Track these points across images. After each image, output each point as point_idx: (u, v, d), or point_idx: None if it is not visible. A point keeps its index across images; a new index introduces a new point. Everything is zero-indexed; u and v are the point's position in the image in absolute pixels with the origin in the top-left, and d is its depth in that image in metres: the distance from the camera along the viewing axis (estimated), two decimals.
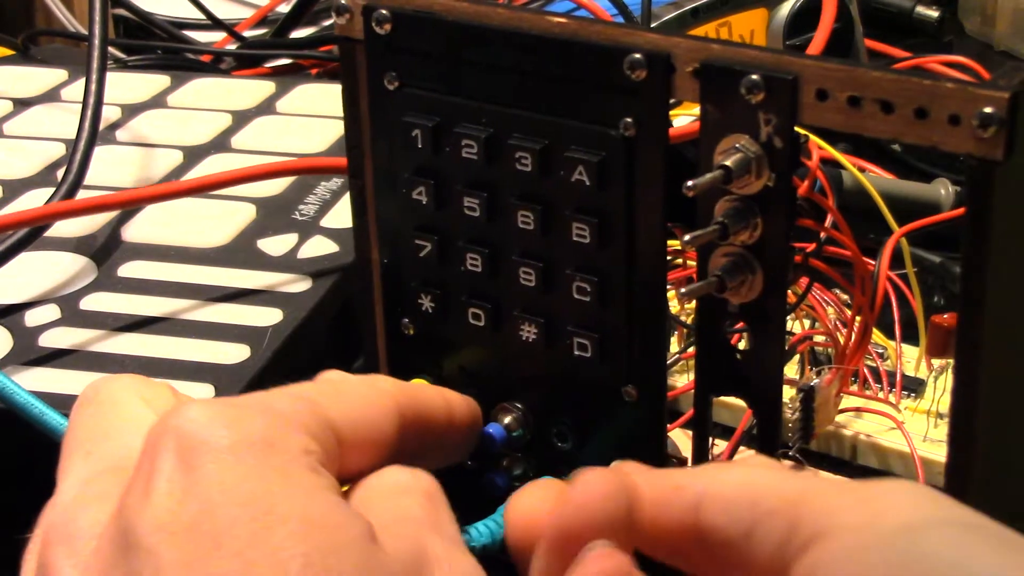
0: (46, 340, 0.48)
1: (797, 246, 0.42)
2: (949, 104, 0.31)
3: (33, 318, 0.49)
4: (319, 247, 0.53)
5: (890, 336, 0.53)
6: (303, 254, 0.53)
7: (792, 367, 0.51)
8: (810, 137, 0.50)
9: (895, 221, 0.53)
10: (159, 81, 0.70)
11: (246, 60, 0.80)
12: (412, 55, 0.39)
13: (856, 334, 0.48)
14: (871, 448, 0.49)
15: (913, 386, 0.52)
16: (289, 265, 0.52)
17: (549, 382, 0.40)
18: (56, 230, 0.54)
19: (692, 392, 0.38)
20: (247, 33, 0.86)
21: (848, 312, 0.50)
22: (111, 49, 0.81)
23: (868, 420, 0.50)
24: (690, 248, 0.36)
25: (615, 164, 0.36)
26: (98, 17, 0.59)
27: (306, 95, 0.68)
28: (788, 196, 0.34)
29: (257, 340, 0.48)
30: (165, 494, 0.30)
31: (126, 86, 0.69)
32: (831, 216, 0.46)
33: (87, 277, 0.52)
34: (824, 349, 0.51)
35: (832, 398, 0.49)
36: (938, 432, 0.50)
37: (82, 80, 0.58)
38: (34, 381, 0.45)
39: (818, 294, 0.51)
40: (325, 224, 0.55)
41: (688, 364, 0.51)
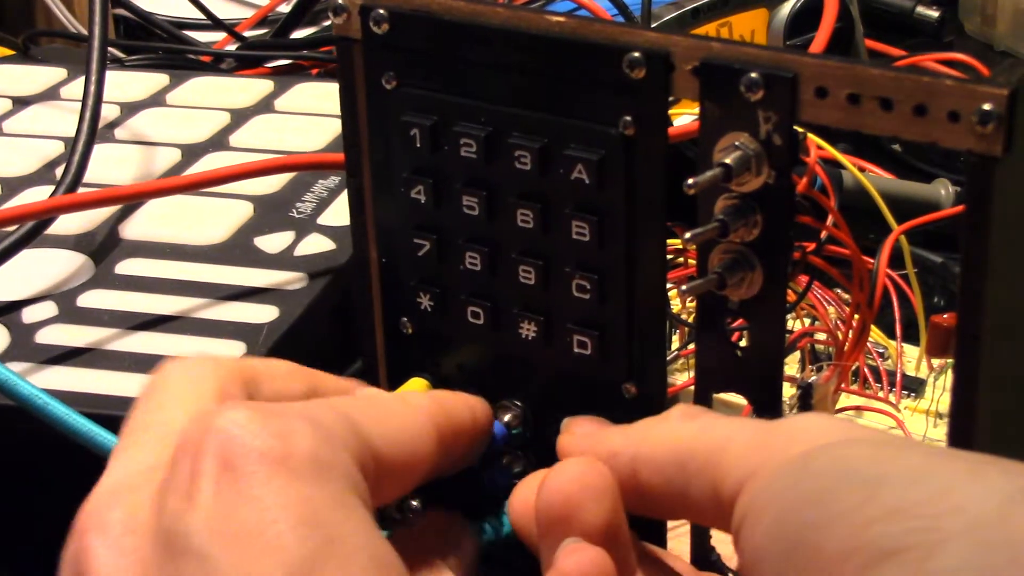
0: (43, 337, 0.48)
1: (797, 244, 0.42)
2: (948, 101, 0.31)
3: (30, 315, 0.49)
4: (316, 245, 0.53)
5: (891, 336, 0.53)
6: (300, 252, 0.53)
7: (793, 366, 0.51)
8: (807, 135, 0.50)
9: (895, 221, 0.53)
10: (158, 80, 0.70)
11: (246, 61, 0.80)
12: (410, 54, 0.39)
13: (854, 331, 0.48)
14: None
15: (913, 386, 0.52)
16: (285, 263, 0.52)
17: (549, 380, 0.40)
18: (55, 228, 0.54)
19: (692, 389, 0.38)
20: (247, 33, 0.86)
21: (848, 311, 0.50)
22: (112, 50, 0.81)
23: (868, 419, 0.50)
24: (691, 246, 0.36)
25: (614, 162, 0.36)
26: (98, 16, 0.59)
27: (305, 94, 0.68)
28: (787, 193, 0.34)
29: (253, 337, 0.47)
30: (212, 496, 0.29)
31: (125, 84, 0.69)
32: (831, 215, 0.46)
33: (85, 274, 0.52)
34: (824, 347, 0.51)
35: (830, 395, 0.49)
36: (938, 432, 0.50)
37: (81, 79, 0.58)
38: (30, 378, 0.45)
39: (819, 293, 0.51)
40: (322, 222, 0.55)
41: (688, 362, 0.51)
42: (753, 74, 0.33)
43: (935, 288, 0.57)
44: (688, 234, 0.35)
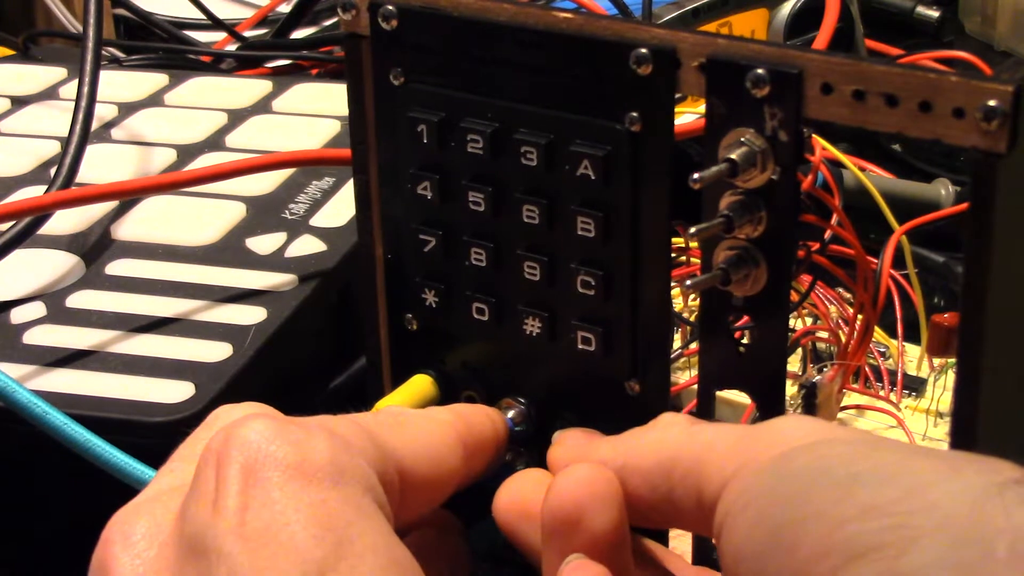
0: (29, 338, 0.48)
1: (801, 243, 0.42)
2: (953, 97, 0.32)
3: (18, 315, 0.49)
4: (307, 246, 0.53)
5: (892, 335, 0.53)
6: (291, 253, 0.53)
7: (795, 365, 0.51)
8: (812, 134, 0.50)
9: (896, 221, 0.53)
10: (157, 79, 0.70)
11: (246, 61, 0.80)
12: (418, 50, 0.39)
13: (858, 331, 0.48)
14: None
15: (914, 385, 0.52)
16: (276, 264, 0.52)
17: (553, 376, 0.40)
18: (48, 228, 0.53)
19: (695, 387, 0.38)
20: (247, 33, 0.86)
21: (851, 310, 0.50)
22: (112, 49, 0.81)
23: (869, 418, 0.50)
24: (695, 241, 0.36)
25: (620, 158, 0.36)
26: (92, 16, 0.59)
27: (302, 94, 0.68)
28: (792, 190, 0.35)
29: (240, 339, 0.47)
30: (235, 497, 0.30)
31: (123, 84, 0.69)
32: (836, 214, 0.46)
33: (75, 275, 0.52)
34: (827, 346, 0.51)
35: (835, 394, 0.49)
36: (938, 431, 0.50)
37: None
38: (16, 378, 0.45)
39: (820, 292, 0.51)
40: (314, 223, 0.55)
41: (691, 360, 0.51)
42: (759, 70, 0.34)
43: (936, 288, 0.57)
44: (693, 229, 0.35)
